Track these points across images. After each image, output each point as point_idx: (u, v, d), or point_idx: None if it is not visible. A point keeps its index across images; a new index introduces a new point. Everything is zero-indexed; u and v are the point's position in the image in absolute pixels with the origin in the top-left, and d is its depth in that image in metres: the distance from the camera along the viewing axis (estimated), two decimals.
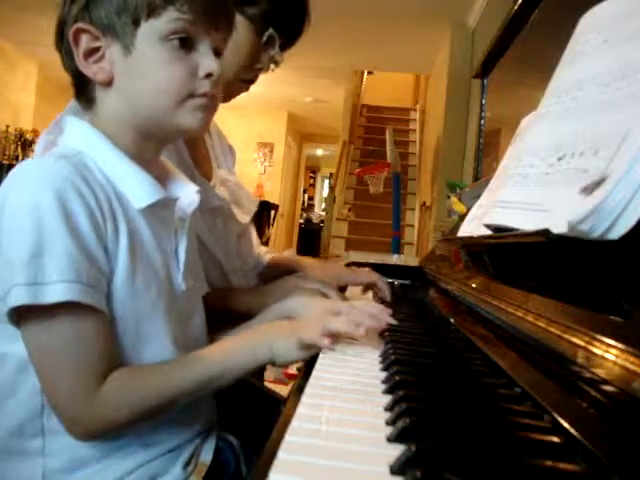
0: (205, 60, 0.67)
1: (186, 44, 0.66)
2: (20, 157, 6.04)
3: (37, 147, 0.72)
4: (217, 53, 0.69)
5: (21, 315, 0.58)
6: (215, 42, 0.68)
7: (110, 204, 0.63)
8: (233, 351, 0.67)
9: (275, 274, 1.15)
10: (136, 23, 0.64)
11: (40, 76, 6.48)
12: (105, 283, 0.61)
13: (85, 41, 0.65)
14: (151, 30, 0.64)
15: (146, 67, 0.65)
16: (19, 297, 0.56)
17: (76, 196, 0.59)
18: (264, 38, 0.95)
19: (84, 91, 0.69)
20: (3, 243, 0.59)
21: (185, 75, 0.66)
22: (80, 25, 0.64)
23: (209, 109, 0.69)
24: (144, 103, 0.67)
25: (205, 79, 0.67)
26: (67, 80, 0.70)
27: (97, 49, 0.65)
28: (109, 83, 0.66)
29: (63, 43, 0.67)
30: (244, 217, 1.11)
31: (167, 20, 0.64)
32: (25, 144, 6.15)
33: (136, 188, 0.66)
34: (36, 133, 6.19)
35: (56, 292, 0.56)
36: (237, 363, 0.65)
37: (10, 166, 5.49)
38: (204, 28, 0.67)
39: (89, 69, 0.65)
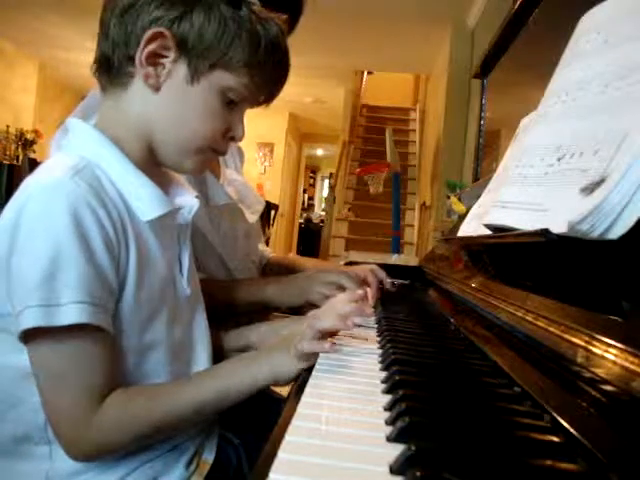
0: (238, 126, 0.71)
1: (232, 103, 0.69)
2: (20, 157, 6.03)
3: (50, 151, 0.71)
4: None
5: (29, 334, 0.57)
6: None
7: (122, 220, 0.63)
8: (233, 376, 0.65)
9: (276, 273, 1.17)
10: (213, 66, 0.65)
11: (40, 76, 6.47)
12: (113, 304, 0.61)
13: (157, 44, 0.64)
14: (219, 79, 0.66)
15: (195, 104, 0.67)
16: (33, 319, 0.55)
17: (92, 217, 0.59)
18: None
19: (122, 72, 0.66)
20: (18, 262, 0.57)
21: (220, 131, 0.69)
22: (164, 30, 0.63)
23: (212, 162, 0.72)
24: (173, 131, 0.68)
25: (229, 140, 0.71)
26: (67, 80, 0.69)
27: (162, 56, 0.65)
28: (155, 90, 0.66)
29: (122, 25, 0.64)
30: (251, 217, 1.12)
31: (237, 80, 0.66)
32: (25, 144, 6.14)
33: (145, 200, 0.66)
34: (36, 133, 6.19)
35: (69, 314, 0.56)
36: (236, 390, 0.64)
37: (10, 166, 5.48)
38: (254, 101, 0.71)
39: (144, 68, 0.65)
